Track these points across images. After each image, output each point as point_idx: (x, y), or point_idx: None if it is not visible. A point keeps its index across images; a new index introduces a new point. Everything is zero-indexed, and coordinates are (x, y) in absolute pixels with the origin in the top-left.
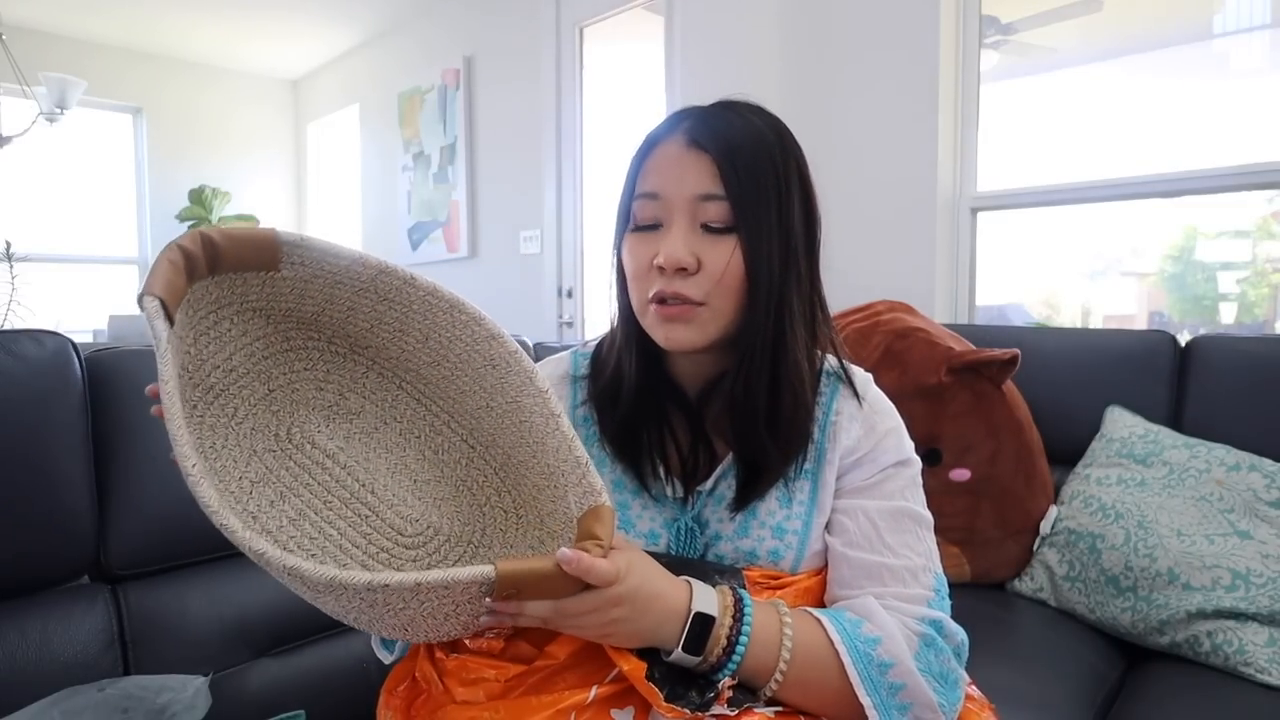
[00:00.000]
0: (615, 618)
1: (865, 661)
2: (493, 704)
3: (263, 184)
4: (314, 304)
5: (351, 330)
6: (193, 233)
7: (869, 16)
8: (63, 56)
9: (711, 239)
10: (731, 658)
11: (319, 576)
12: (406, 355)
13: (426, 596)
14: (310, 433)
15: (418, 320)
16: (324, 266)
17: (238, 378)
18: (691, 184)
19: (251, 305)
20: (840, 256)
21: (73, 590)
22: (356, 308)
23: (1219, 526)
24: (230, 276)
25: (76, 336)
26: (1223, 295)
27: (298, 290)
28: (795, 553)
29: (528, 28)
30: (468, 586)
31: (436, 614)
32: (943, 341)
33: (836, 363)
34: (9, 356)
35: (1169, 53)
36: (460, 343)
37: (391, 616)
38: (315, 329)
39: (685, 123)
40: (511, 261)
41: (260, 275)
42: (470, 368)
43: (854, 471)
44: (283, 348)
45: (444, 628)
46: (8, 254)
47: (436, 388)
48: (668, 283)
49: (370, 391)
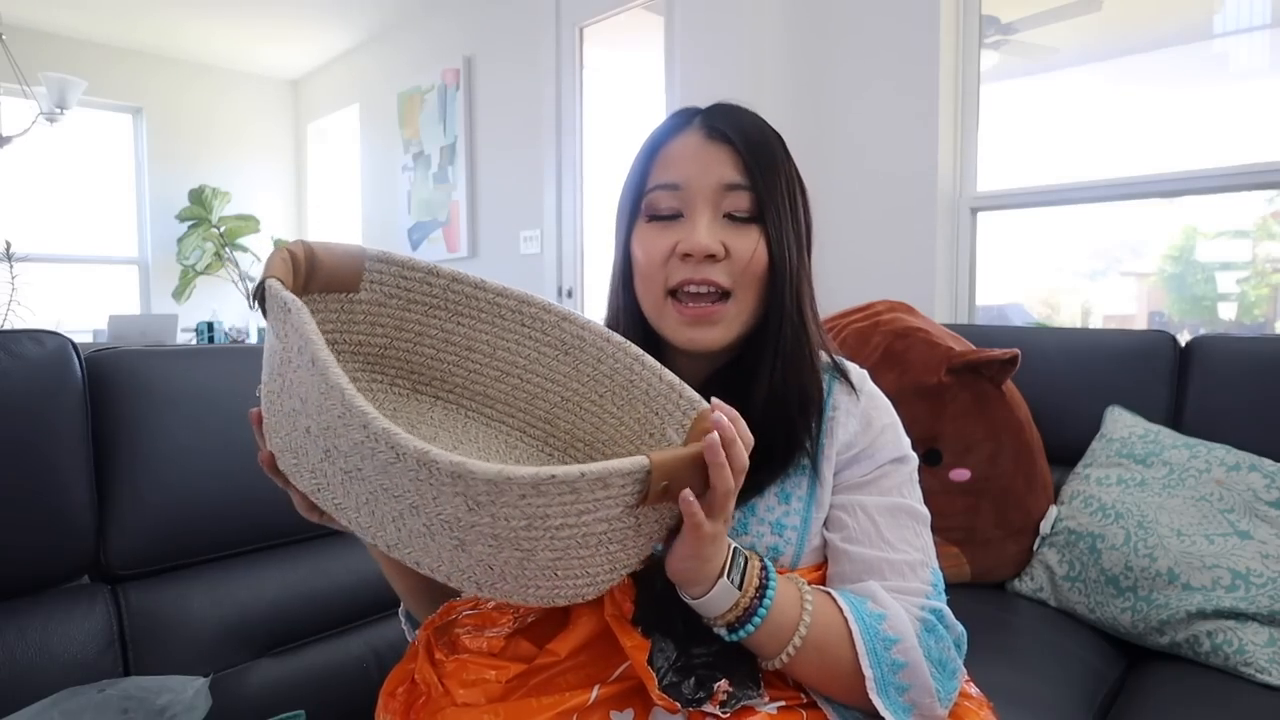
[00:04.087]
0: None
1: (871, 635)
2: (493, 706)
3: (263, 184)
4: (384, 332)
5: (415, 363)
6: (297, 241)
7: (869, 16)
8: (63, 56)
9: (736, 228)
10: (763, 601)
11: (484, 472)
12: (472, 377)
13: (584, 500)
14: None
15: (485, 330)
16: (400, 284)
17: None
18: (715, 174)
19: (325, 336)
20: (840, 256)
21: (73, 590)
22: (425, 331)
23: (1219, 526)
24: (315, 298)
25: (76, 336)
26: (1222, 295)
27: (370, 317)
28: (794, 548)
29: (528, 28)
30: (624, 481)
31: (590, 537)
32: (943, 341)
33: (829, 358)
34: (9, 356)
35: (1168, 53)
36: (530, 341)
37: (546, 547)
38: (379, 367)
39: (698, 116)
40: (511, 261)
41: (340, 299)
42: (541, 365)
43: (852, 467)
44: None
45: (592, 565)
46: (8, 254)
47: (505, 405)
48: (695, 270)
49: (439, 421)
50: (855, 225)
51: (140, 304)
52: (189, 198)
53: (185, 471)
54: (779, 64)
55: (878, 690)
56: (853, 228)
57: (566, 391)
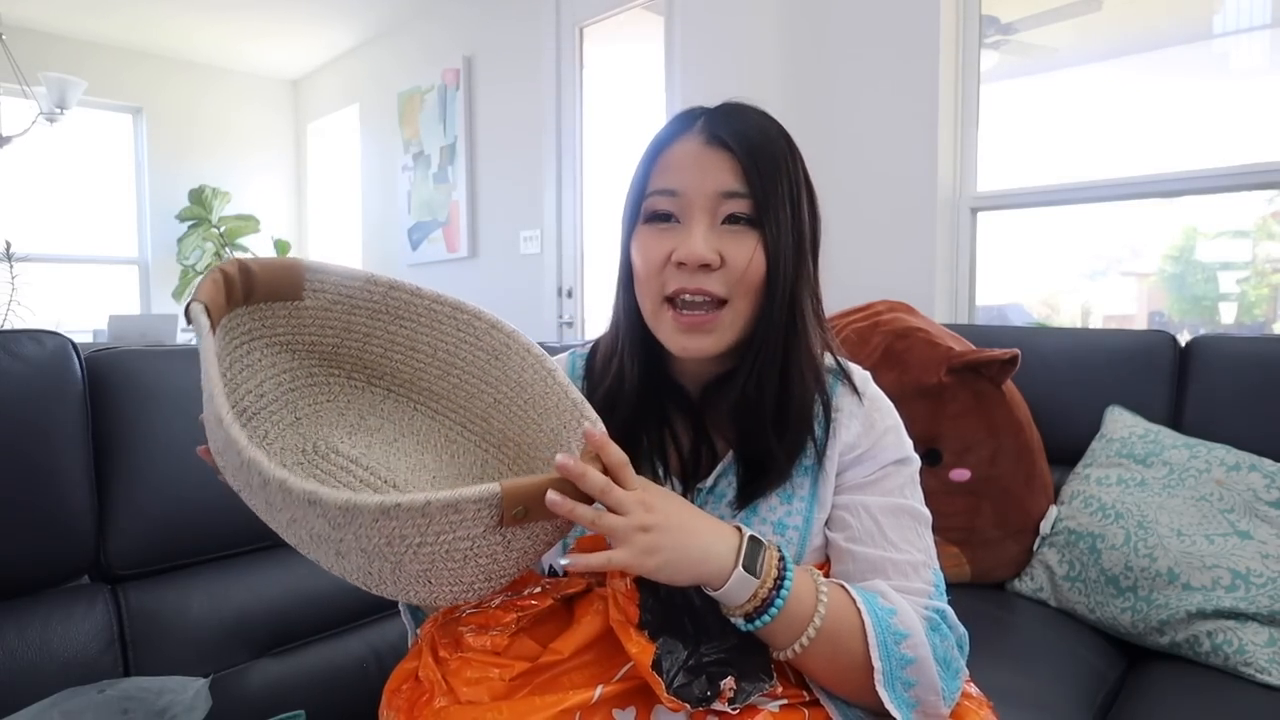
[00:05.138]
0: (650, 524)
1: (883, 628)
2: (496, 704)
3: (263, 184)
4: (334, 334)
5: (368, 359)
6: (231, 260)
7: (869, 16)
8: (63, 56)
9: (733, 235)
10: (780, 593)
11: (334, 500)
12: (418, 374)
13: (438, 523)
14: (334, 443)
15: (426, 333)
16: (341, 290)
17: (268, 403)
18: (713, 181)
19: (279, 339)
20: (840, 256)
21: (73, 590)
22: (372, 333)
23: (1219, 526)
24: (261, 307)
25: (76, 336)
26: (1223, 295)
27: (319, 321)
28: (796, 548)
29: (528, 28)
30: (476, 508)
31: (454, 553)
32: (943, 341)
33: (833, 360)
34: (9, 356)
35: (1169, 53)
36: (466, 344)
37: (412, 559)
38: (335, 363)
39: (700, 120)
40: (511, 261)
41: (286, 306)
42: (476, 366)
43: (854, 468)
44: (307, 382)
45: (464, 574)
46: (8, 254)
47: (448, 400)
48: (689, 279)
49: (388, 413)
50: (855, 225)
51: (140, 304)
52: (189, 198)
53: (185, 471)
54: (779, 64)
55: (885, 684)
56: (853, 228)
57: (498, 394)
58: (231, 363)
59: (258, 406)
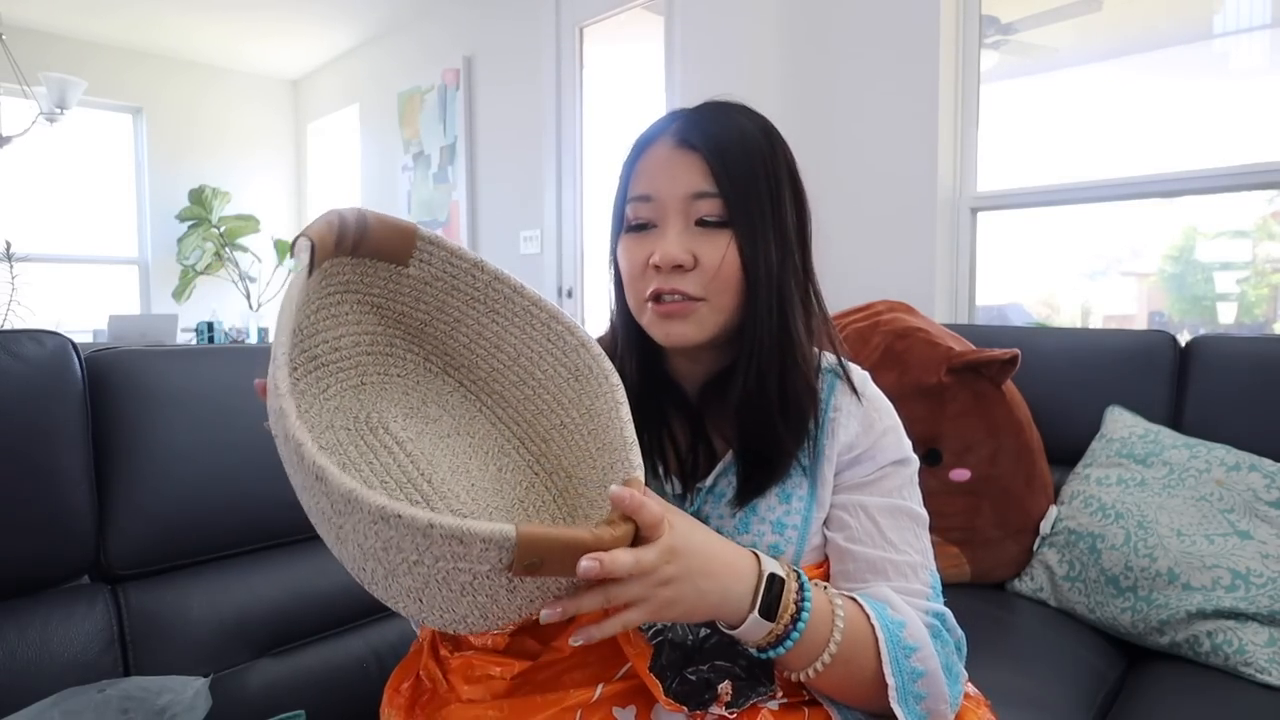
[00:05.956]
0: (671, 576)
1: (894, 643)
2: (497, 702)
3: (263, 184)
4: (425, 310)
5: (450, 345)
6: (351, 207)
7: (869, 16)
8: (63, 56)
9: (706, 235)
10: (796, 626)
11: (338, 484)
12: (494, 375)
13: (439, 549)
14: (386, 420)
15: (515, 334)
16: (447, 269)
17: (340, 359)
18: (683, 183)
19: (373, 299)
20: (840, 256)
21: (73, 590)
22: (462, 319)
23: (1219, 526)
24: (365, 262)
25: (76, 336)
26: (1222, 295)
27: (416, 292)
28: (795, 547)
29: (528, 28)
30: (484, 547)
31: (451, 582)
32: (943, 341)
33: (834, 359)
34: (9, 356)
35: (1169, 53)
36: (550, 357)
37: (406, 573)
38: (418, 340)
39: (673, 124)
40: (511, 261)
41: (390, 268)
42: (553, 383)
43: (853, 468)
44: (385, 350)
45: (458, 606)
46: (8, 254)
47: (515, 410)
48: (665, 280)
49: (451, 407)
50: (855, 225)
51: (140, 304)
52: (189, 198)
53: (185, 471)
54: (779, 64)
55: (899, 700)
56: (853, 228)
57: (566, 417)
58: (319, 307)
59: (329, 359)
